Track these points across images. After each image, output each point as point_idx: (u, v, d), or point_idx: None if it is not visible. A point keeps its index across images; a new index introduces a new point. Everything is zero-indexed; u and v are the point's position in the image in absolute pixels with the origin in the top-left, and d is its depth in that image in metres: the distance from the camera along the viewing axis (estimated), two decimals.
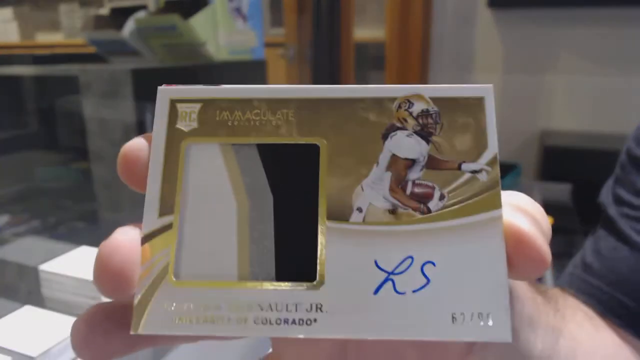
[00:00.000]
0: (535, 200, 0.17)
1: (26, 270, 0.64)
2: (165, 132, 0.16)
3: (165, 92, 0.17)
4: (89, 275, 0.52)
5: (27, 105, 1.15)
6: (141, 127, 0.78)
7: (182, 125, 0.16)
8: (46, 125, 1.17)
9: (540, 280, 0.74)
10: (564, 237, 0.99)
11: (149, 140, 0.17)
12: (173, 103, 0.17)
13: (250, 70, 1.07)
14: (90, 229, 0.96)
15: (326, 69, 1.82)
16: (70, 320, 0.49)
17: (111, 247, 0.15)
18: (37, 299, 0.56)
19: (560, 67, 1.63)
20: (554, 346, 0.22)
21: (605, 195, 0.41)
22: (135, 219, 0.16)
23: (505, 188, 0.16)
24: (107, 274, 0.15)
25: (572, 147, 1.51)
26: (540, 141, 1.62)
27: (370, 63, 2.06)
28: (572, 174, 1.40)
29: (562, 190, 1.30)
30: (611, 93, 1.57)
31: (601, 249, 0.38)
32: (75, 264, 0.56)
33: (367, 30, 2.04)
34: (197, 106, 0.17)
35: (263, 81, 1.09)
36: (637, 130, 0.41)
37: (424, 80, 1.78)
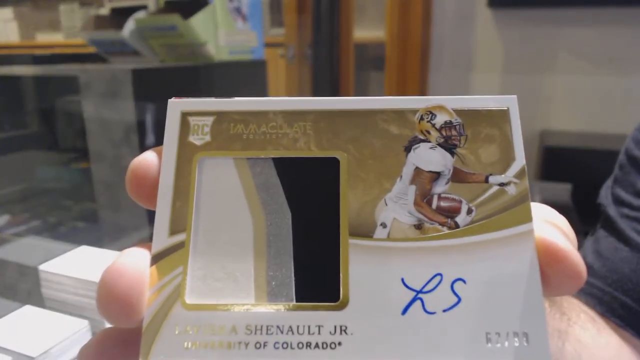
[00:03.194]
0: (535, 200, 0.16)
1: (26, 270, 0.64)
2: (177, 146, 0.16)
3: (176, 105, 0.16)
4: (89, 275, 0.52)
5: (27, 105, 1.15)
6: (141, 127, 0.78)
7: (194, 139, 0.16)
8: (46, 126, 1.17)
9: None
10: None
11: (160, 154, 0.16)
12: (184, 116, 0.16)
13: (250, 70, 1.07)
14: (90, 229, 0.96)
15: (326, 69, 1.82)
16: (71, 320, 0.49)
17: (116, 271, 0.14)
18: (37, 298, 0.56)
19: (560, 67, 1.63)
20: (560, 350, 0.22)
21: (605, 196, 0.41)
22: (134, 219, 0.16)
23: None
24: (112, 302, 0.14)
25: (572, 147, 1.51)
26: (540, 141, 1.62)
27: (370, 63, 2.06)
28: (572, 174, 1.40)
29: (562, 190, 1.30)
30: (611, 93, 1.57)
31: (601, 249, 0.38)
32: (75, 264, 0.56)
33: (367, 30, 2.04)
34: (210, 119, 0.16)
35: (263, 81, 1.09)
36: (636, 130, 0.41)
37: (423, 80, 1.78)
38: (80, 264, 0.55)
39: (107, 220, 0.84)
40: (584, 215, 1.09)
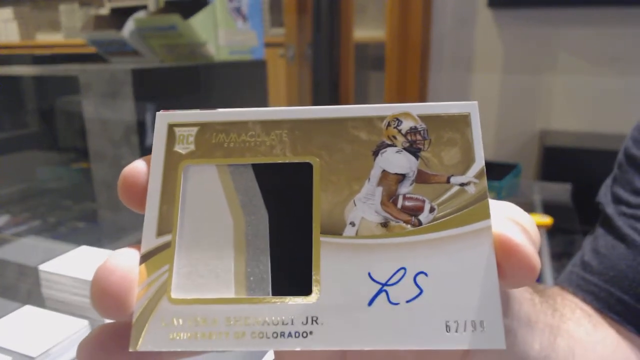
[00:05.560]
0: (535, 200, 0.17)
1: (26, 270, 0.64)
2: (164, 155, 0.17)
3: (164, 117, 0.18)
4: (89, 276, 0.52)
5: (27, 105, 1.15)
6: (141, 127, 0.78)
7: (179, 148, 0.17)
8: (46, 125, 1.17)
9: (540, 280, 0.74)
10: (564, 237, 0.99)
11: (149, 163, 0.17)
12: (171, 127, 0.17)
13: (250, 70, 1.07)
14: (90, 229, 0.96)
15: (326, 69, 1.82)
16: (71, 320, 0.49)
17: (107, 269, 0.15)
18: (37, 298, 0.56)
19: (560, 67, 1.63)
20: (552, 345, 0.23)
21: (604, 195, 0.41)
22: (134, 219, 0.16)
23: (505, 188, 0.16)
24: (105, 296, 0.15)
25: (572, 147, 1.51)
26: (540, 141, 1.62)
27: (370, 63, 2.06)
28: (571, 174, 1.40)
29: (562, 190, 1.30)
30: (611, 93, 1.57)
31: (599, 247, 0.38)
32: (75, 264, 0.56)
33: (367, 30, 2.04)
34: (194, 129, 0.17)
35: (263, 81, 1.09)
36: (634, 130, 0.41)
37: (423, 81, 1.78)
38: (80, 264, 0.55)
39: (107, 220, 0.84)
40: (583, 215, 1.09)
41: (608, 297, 0.35)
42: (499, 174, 1.14)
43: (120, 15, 1.03)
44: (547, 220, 0.89)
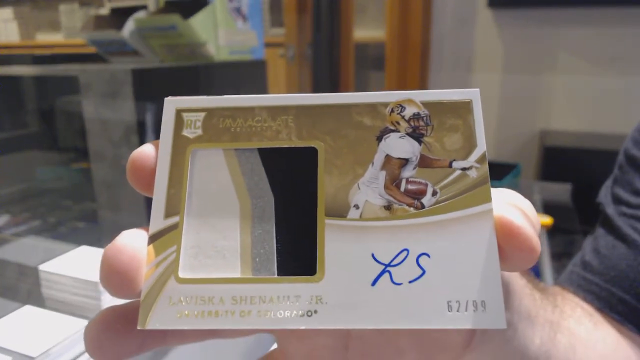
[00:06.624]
0: (535, 200, 0.17)
1: (26, 270, 0.64)
2: (172, 139, 0.17)
3: (172, 103, 0.18)
4: (89, 275, 0.52)
5: (27, 105, 1.15)
6: (141, 127, 0.78)
7: (187, 133, 0.17)
8: (46, 125, 1.17)
9: (540, 278, 0.74)
10: (564, 237, 0.99)
11: (157, 147, 0.17)
12: (179, 112, 0.18)
13: (250, 70, 1.07)
14: (90, 229, 0.96)
15: (326, 69, 1.82)
16: (71, 320, 0.49)
17: (116, 248, 0.15)
18: (37, 298, 0.56)
19: (560, 67, 1.63)
20: (552, 341, 0.23)
21: (604, 195, 0.41)
22: (134, 219, 0.16)
23: (505, 188, 0.17)
24: (113, 274, 0.15)
25: (572, 147, 1.51)
26: (540, 141, 1.62)
27: (370, 63, 2.06)
28: (571, 174, 1.40)
29: (562, 190, 1.30)
30: (611, 93, 1.57)
31: (600, 247, 0.38)
32: (75, 263, 0.56)
33: (367, 30, 2.04)
34: (202, 115, 0.18)
35: (263, 81, 1.09)
36: (634, 131, 0.41)
37: (423, 80, 1.78)
38: (80, 264, 0.55)
39: (107, 220, 0.84)
40: (583, 215, 1.09)
41: (609, 296, 0.35)
42: (499, 174, 1.14)
43: (120, 15, 1.03)
44: (547, 220, 0.89)
